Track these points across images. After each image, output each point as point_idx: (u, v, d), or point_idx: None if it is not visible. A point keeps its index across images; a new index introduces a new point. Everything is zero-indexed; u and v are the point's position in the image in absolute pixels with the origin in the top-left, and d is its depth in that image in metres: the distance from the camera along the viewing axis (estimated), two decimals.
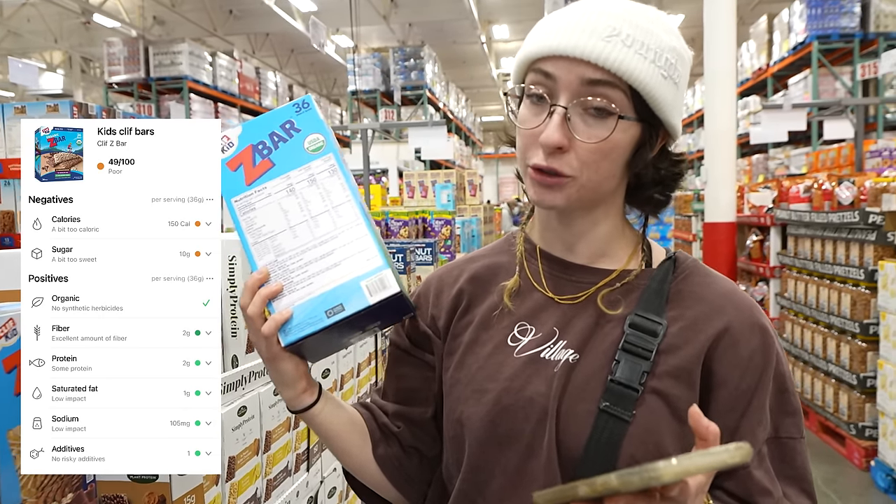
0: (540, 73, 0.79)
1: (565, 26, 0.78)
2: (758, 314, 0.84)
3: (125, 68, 10.28)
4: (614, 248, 0.88)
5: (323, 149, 0.84)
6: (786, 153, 9.86)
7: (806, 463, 0.83)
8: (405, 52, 12.16)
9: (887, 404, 3.49)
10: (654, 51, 0.77)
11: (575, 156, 0.78)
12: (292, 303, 0.80)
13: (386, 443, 0.94)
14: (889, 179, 3.91)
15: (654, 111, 0.79)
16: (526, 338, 0.85)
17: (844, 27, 8.85)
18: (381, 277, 0.79)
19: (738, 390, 0.80)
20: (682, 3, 13.40)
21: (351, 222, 0.82)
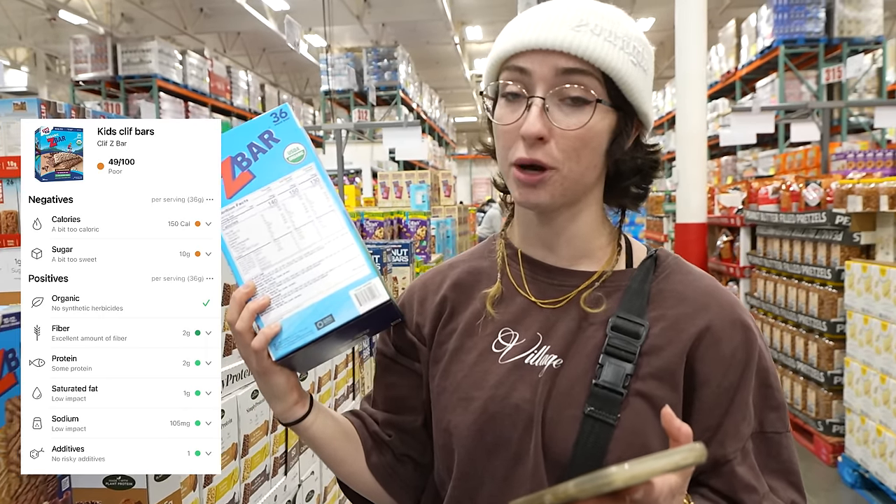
0: (514, 70, 0.80)
1: (535, 22, 0.79)
2: (739, 311, 0.84)
3: (92, 66, 10.08)
4: (594, 247, 0.88)
5: (303, 158, 0.83)
6: (754, 155, 10.05)
7: (792, 456, 0.84)
8: (378, 53, 12.13)
9: (854, 401, 3.57)
10: (622, 39, 0.79)
11: (556, 146, 0.78)
12: (281, 316, 0.79)
13: (378, 451, 0.94)
14: (854, 181, 4.00)
15: (627, 98, 0.80)
16: (510, 343, 0.85)
17: (810, 32, 9.05)
18: (369, 286, 0.79)
19: (721, 388, 0.81)
20: (653, 6, 13.57)
21: (336, 232, 0.81)
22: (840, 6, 9.04)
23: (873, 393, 3.36)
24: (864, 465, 3.46)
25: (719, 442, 0.80)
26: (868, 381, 3.41)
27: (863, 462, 3.47)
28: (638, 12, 13.84)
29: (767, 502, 0.80)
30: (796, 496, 0.83)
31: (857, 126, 9.59)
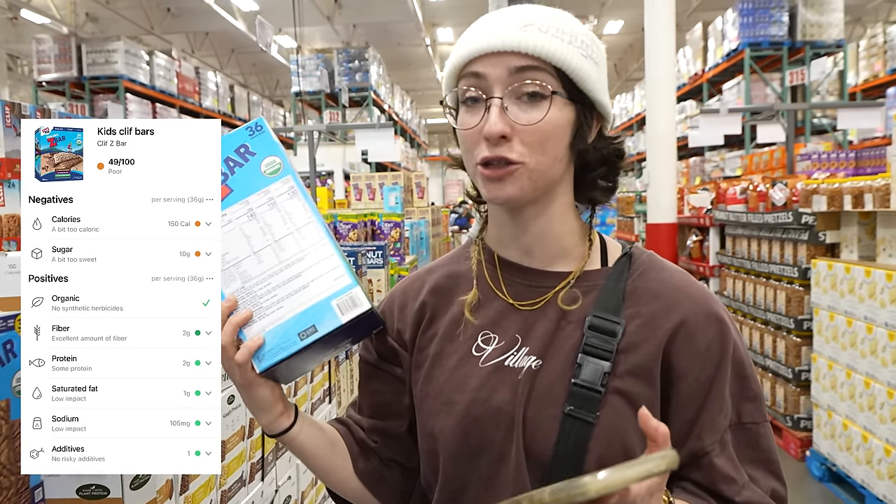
0: (470, 76, 0.82)
1: (484, 28, 0.82)
2: (713, 304, 0.86)
3: (56, 66, 9.88)
4: (568, 245, 0.89)
5: (280, 171, 0.84)
6: (721, 156, 10.22)
7: (771, 445, 0.86)
8: (349, 54, 12.07)
9: (821, 396, 3.65)
10: (569, 34, 0.81)
11: (519, 141, 0.80)
12: (263, 328, 0.79)
13: (365, 458, 0.95)
14: (818, 181, 4.10)
15: (582, 90, 0.83)
16: (490, 346, 0.86)
17: (774, 35, 9.25)
18: (351, 296, 0.80)
19: (697, 381, 0.82)
20: (622, 9, 13.72)
21: (315, 243, 0.82)
22: (803, 10, 9.25)
23: (839, 388, 3.44)
24: (831, 459, 3.54)
25: (697, 435, 0.82)
26: (834, 377, 3.49)
27: (830, 456, 3.55)
28: (607, 14, 14.00)
29: (747, 492, 0.82)
30: (777, 484, 0.84)
31: (820, 127, 9.82)
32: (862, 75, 10.40)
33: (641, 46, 6.02)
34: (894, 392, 2.95)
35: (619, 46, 17.94)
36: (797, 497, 3.55)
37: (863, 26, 14.67)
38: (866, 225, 3.46)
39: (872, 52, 10.19)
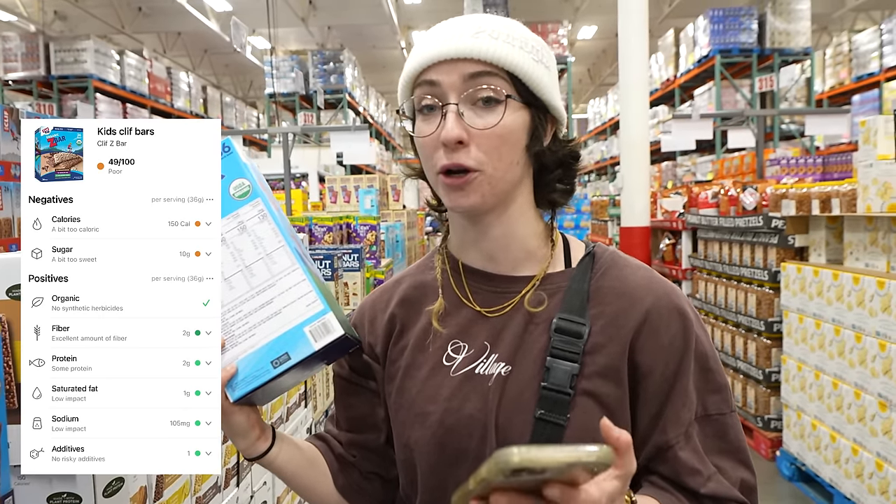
0: (425, 85, 0.83)
1: (437, 37, 0.83)
2: (675, 298, 0.87)
3: (23, 65, 9.68)
4: (532, 247, 0.89)
5: (250, 194, 0.82)
6: (693, 160, 10.37)
7: (739, 435, 0.86)
8: (324, 56, 12.02)
9: (790, 397, 3.71)
10: (519, 39, 0.83)
11: (476, 147, 0.81)
12: (236, 357, 0.78)
13: (345, 473, 0.95)
14: (787, 186, 4.18)
15: (535, 94, 0.84)
16: (460, 355, 0.87)
17: (743, 42, 9.43)
18: (323, 322, 0.79)
19: (662, 377, 0.84)
20: (595, 15, 13.86)
21: (287, 268, 0.80)
22: (771, 18, 9.44)
23: (808, 389, 3.51)
24: (800, 459, 3.61)
25: (661, 429, 0.83)
26: (803, 378, 3.55)
27: (799, 455, 3.62)
28: (581, 20, 14.13)
29: (712, 483, 0.82)
30: (746, 474, 0.85)
31: (788, 133, 10.02)
32: (828, 82, 10.65)
33: (615, 52, 6.09)
34: (861, 393, 3.02)
35: (593, 52, 18.11)
36: (767, 496, 3.61)
37: (829, 35, 15.01)
38: (834, 229, 3.54)
39: (838, 59, 10.44)
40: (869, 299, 2.95)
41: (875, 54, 9.50)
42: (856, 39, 10.05)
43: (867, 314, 2.97)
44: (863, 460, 2.99)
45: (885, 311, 2.84)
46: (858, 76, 9.85)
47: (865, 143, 3.14)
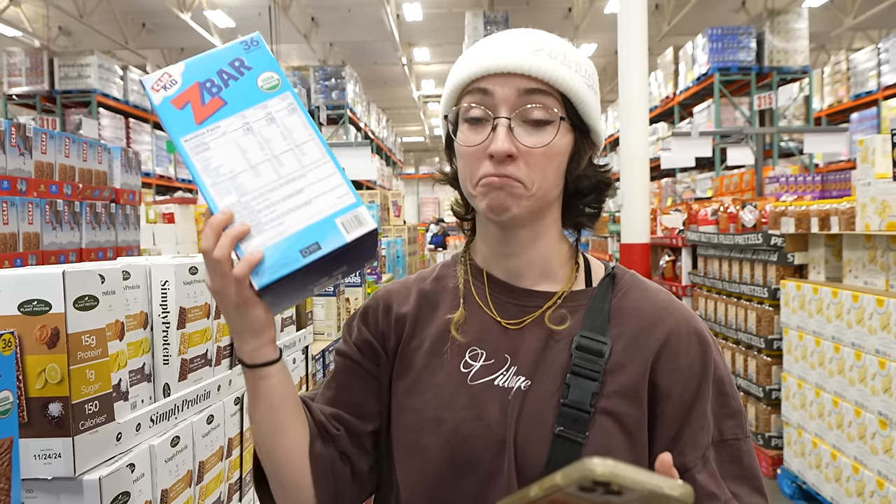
0: (477, 93, 0.84)
1: (494, 48, 0.84)
2: (694, 323, 0.88)
3: (27, 80, 9.76)
4: (555, 266, 0.91)
5: (279, 87, 0.80)
6: (692, 177, 10.42)
7: (753, 461, 0.87)
8: (326, 72, 12.11)
9: (791, 415, 3.71)
10: (575, 62, 0.84)
11: (524, 163, 0.81)
12: (262, 244, 0.74)
13: (322, 441, 0.89)
14: (787, 204, 4.20)
15: (583, 118, 0.85)
16: (477, 363, 0.87)
17: (742, 61, 9.50)
18: (356, 214, 0.76)
19: (681, 400, 0.84)
20: (595, 32, 13.98)
21: (317, 160, 0.78)
22: (769, 37, 9.52)
23: (809, 407, 3.50)
24: (801, 477, 3.60)
25: (679, 451, 0.83)
26: (804, 396, 3.55)
27: (800, 474, 3.61)
28: (581, 38, 14.23)
29: None
30: (760, 500, 0.86)
31: (787, 151, 10.07)
32: (827, 100, 10.71)
33: (614, 69, 6.14)
34: (861, 410, 3.02)
35: None
36: None
37: (827, 53, 15.12)
38: (833, 247, 3.55)
39: (836, 78, 10.51)
40: (868, 317, 2.96)
41: (873, 73, 9.57)
42: (854, 58, 10.13)
43: (866, 332, 2.98)
44: (864, 478, 2.98)
45: (884, 329, 2.85)
46: (857, 94, 9.91)
47: (863, 162, 3.16)
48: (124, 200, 2.54)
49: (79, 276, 0.90)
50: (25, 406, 0.86)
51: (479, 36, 10.58)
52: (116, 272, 1.00)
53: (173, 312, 1.16)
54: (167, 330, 1.16)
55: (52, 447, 0.87)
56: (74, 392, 0.88)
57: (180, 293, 1.17)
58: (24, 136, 2.02)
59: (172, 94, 0.78)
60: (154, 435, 1.08)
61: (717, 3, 12.48)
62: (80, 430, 0.88)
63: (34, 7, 11.98)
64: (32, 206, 1.99)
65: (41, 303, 0.87)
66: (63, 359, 0.86)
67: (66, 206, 2.14)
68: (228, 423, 1.35)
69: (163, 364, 1.16)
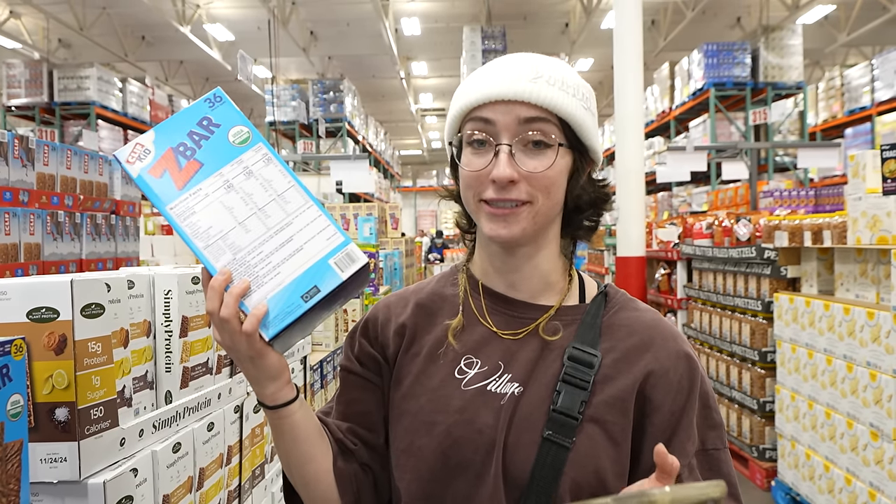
0: (479, 121, 0.87)
1: (494, 76, 0.87)
2: (681, 343, 0.93)
3: (26, 91, 9.81)
4: (552, 281, 0.95)
5: (251, 140, 0.82)
6: (688, 191, 10.48)
7: (730, 470, 0.92)
8: (325, 85, 12.17)
9: (784, 427, 3.73)
10: (572, 87, 0.87)
11: (526, 185, 0.85)
12: (265, 296, 0.78)
13: (344, 457, 0.94)
14: (780, 218, 4.24)
15: (581, 139, 0.89)
16: (472, 370, 0.91)
17: (737, 76, 9.59)
18: (347, 252, 0.80)
19: (670, 412, 0.88)
20: (592, 47, 14.09)
21: (301, 206, 0.81)
22: (764, 53, 9.62)
23: (802, 419, 3.53)
24: (795, 489, 3.61)
25: None
26: (797, 408, 3.58)
27: (794, 485, 3.62)
28: (577, 52, 14.34)
29: None
30: None
31: (781, 165, 10.14)
32: (821, 116, 10.81)
33: (611, 83, 6.21)
34: (853, 422, 3.04)
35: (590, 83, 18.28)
36: None
37: (821, 69, 15.26)
38: (825, 260, 3.59)
39: (830, 93, 10.61)
40: (859, 330, 2.99)
41: (867, 89, 9.66)
42: (848, 74, 10.23)
43: (858, 344, 3.01)
44: (856, 490, 3.00)
45: (874, 342, 2.88)
46: (851, 110, 10.01)
47: (855, 177, 3.21)
48: (124, 212, 2.57)
49: (86, 285, 0.92)
50: (32, 411, 0.88)
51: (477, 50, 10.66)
52: (122, 281, 1.03)
53: (176, 321, 1.19)
54: (169, 338, 1.19)
55: (58, 451, 0.89)
56: (80, 397, 0.90)
57: (183, 302, 1.20)
58: (27, 147, 2.05)
59: (149, 164, 0.80)
60: (156, 441, 1.10)
61: (712, 20, 12.62)
62: (86, 435, 0.91)
63: (34, 19, 12.05)
64: (34, 217, 2.01)
65: (49, 310, 0.89)
66: (70, 365, 0.89)
67: (67, 218, 2.17)
68: (228, 431, 1.37)
69: (165, 371, 1.18)
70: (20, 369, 0.77)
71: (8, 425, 0.74)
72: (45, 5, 11.04)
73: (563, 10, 12.90)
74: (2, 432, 0.73)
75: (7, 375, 0.74)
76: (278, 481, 1.70)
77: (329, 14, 12.32)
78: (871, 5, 11.54)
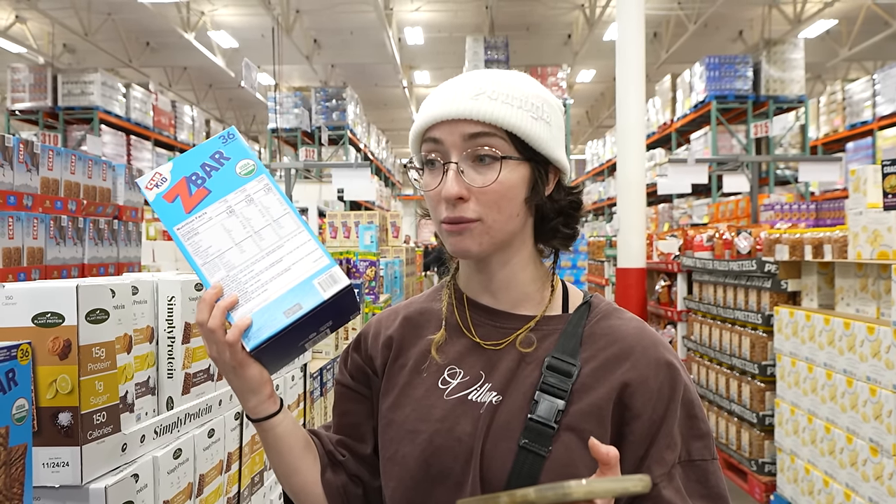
0: (430, 142, 0.90)
1: (441, 98, 0.90)
2: (662, 350, 0.93)
3: (30, 95, 9.84)
4: (531, 291, 0.96)
5: (255, 171, 0.91)
6: (689, 203, 10.49)
7: (719, 482, 0.91)
8: (327, 93, 12.22)
9: (784, 441, 3.72)
10: (518, 98, 0.88)
11: (476, 202, 0.87)
12: (250, 310, 0.84)
13: (333, 469, 0.98)
14: (781, 231, 4.25)
15: (535, 149, 0.90)
16: (455, 381, 0.93)
17: (739, 89, 9.63)
18: (330, 274, 0.86)
19: (650, 420, 0.88)
20: (594, 59, 14.15)
21: (293, 231, 0.88)
22: (766, 66, 9.66)
23: (802, 433, 3.52)
24: (794, 503, 3.60)
25: (647, 468, 0.87)
26: (796, 422, 3.57)
27: (793, 500, 3.61)
28: (580, 64, 14.42)
29: None
30: None
31: (783, 178, 10.16)
32: (822, 130, 10.84)
33: (613, 95, 6.24)
34: (853, 437, 3.04)
35: (592, 94, 18.42)
36: None
37: (823, 83, 15.32)
38: (825, 275, 3.59)
39: (832, 107, 10.64)
40: (859, 344, 2.99)
41: (868, 103, 9.69)
42: (849, 88, 10.27)
43: (858, 359, 3.01)
44: None
45: (874, 357, 2.88)
46: (852, 124, 10.04)
47: (856, 192, 3.22)
48: (127, 217, 2.57)
49: (91, 290, 0.93)
50: (36, 415, 0.89)
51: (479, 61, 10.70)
52: (126, 287, 1.04)
53: (178, 327, 1.19)
54: (172, 344, 1.19)
55: (60, 456, 0.90)
56: (84, 402, 0.91)
57: (186, 309, 1.20)
58: (32, 152, 2.06)
59: (164, 191, 0.90)
60: (157, 447, 1.10)
61: (714, 33, 12.69)
62: (88, 440, 0.91)
63: (40, 24, 12.12)
64: (37, 222, 2.02)
65: (55, 315, 0.90)
66: (74, 370, 0.90)
67: (70, 222, 2.18)
68: (228, 438, 1.37)
69: (167, 378, 1.19)
70: (26, 373, 0.77)
71: (13, 429, 0.74)
72: (51, 10, 11.11)
73: (565, 21, 12.97)
74: (7, 436, 0.74)
75: (13, 379, 0.74)
76: (277, 488, 1.70)
77: (333, 23, 12.39)
78: (872, 20, 11.60)
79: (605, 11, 11.53)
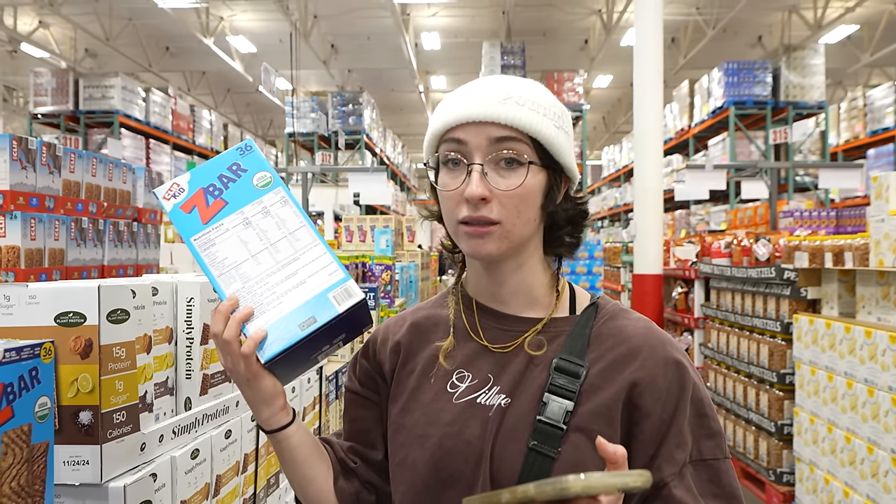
0: (452, 142, 0.90)
1: (467, 98, 0.90)
2: (671, 349, 0.92)
3: (52, 99, 9.98)
4: (539, 295, 0.96)
5: (272, 184, 0.91)
6: (706, 210, 10.41)
7: (732, 481, 0.90)
8: (344, 97, 12.28)
9: (803, 451, 3.67)
10: (543, 107, 0.89)
11: (497, 204, 0.87)
12: (265, 323, 0.84)
13: (345, 476, 0.99)
14: (800, 238, 4.20)
15: (554, 157, 0.91)
16: (463, 384, 0.93)
17: (758, 95, 9.55)
18: (345, 288, 0.86)
19: (660, 419, 0.88)
20: (611, 64, 14.11)
21: (309, 244, 0.88)
22: (786, 72, 9.58)
23: (821, 443, 3.47)
24: None
25: (657, 467, 0.87)
26: (816, 432, 3.52)
27: None
28: (597, 69, 14.37)
29: None
30: None
31: (802, 185, 10.06)
32: (843, 136, 10.72)
33: (629, 100, 6.22)
34: (874, 448, 2.99)
35: (608, 100, 18.36)
36: None
37: (843, 89, 15.17)
38: (846, 282, 3.55)
39: (853, 114, 10.52)
40: (881, 353, 2.95)
41: (890, 109, 9.57)
42: (870, 94, 10.14)
43: (879, 368, 2.96)
44: None
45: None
46: (873, 131, 9.91)
47: (877, 199, 3.18)
48: (146, 219, 2.60)
49: (113, 291, 0.94)
50: (57, 413, 0.89)
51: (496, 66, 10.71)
52: (146, 288, 1.04)
53: (197, 328, 1.20)
54: (190, 345, 1.20)
55: (80, 454, 0.90)
56: (104, 401, 0.91)
57: (204, 310, 1.21)
58: (54, 155, 2.08)
59: (181, 201, 0.90)
60: (175, 447, 1.11)
61: (733, 38, 12.60)
62: (108, 439, 0.92)
63: (63, 30, 12.30)
64: (59, 224, 2.05)
65: (77, 315, 0.91)
66: (95, 369, 0.90)
67: (91, 224, 2.20)
68: (245, 439, 1.38)
69: (185, 378, 1.19)
70: (49, 372, 0.78)
71: (35, 427, 0.75)
72: (74, 16, 11.27)
73: (582, 26, 12.94)
74: (29, 433, 0.74)
75: (36, 378, 0.75)
76: (292, 492, 1.70)
77: (350, 28, 12.46)
78: (894, 26, 11.47)
79: (622, 17, 11.49)
